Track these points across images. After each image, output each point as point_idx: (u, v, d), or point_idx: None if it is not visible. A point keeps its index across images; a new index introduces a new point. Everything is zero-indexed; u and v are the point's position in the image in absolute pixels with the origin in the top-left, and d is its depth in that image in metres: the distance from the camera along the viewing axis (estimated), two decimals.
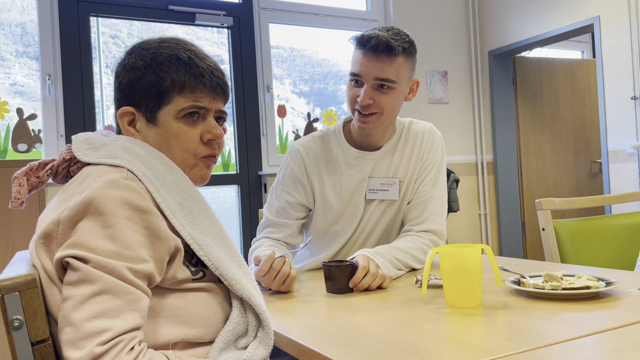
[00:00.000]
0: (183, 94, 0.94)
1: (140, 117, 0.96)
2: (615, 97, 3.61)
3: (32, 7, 3.20)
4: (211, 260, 0.92)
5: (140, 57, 0.95)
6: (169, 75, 0.93)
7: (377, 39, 1.42)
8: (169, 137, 0.95)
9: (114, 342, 0.75)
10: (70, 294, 0.77)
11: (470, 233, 4.47)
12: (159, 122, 0.95)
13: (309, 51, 4.18)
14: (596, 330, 0.87)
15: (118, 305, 0.77)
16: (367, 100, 1.45)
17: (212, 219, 0.96)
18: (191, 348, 0.90)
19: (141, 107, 0.95)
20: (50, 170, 0.95)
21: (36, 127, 3.14)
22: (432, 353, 0.81)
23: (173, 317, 0.88)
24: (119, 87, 0.97)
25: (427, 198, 1.58)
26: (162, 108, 0.94)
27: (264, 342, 0.94)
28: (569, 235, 1.94)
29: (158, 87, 0.93)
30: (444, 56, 4.40)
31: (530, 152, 4.67)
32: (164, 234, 0.85)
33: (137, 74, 0.94)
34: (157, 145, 0.96)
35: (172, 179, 0.92)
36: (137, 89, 0.94)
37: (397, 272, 1.42)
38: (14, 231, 2.34)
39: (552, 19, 3.97)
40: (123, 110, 0.96)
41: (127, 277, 0.79)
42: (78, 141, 0.94)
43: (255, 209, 3.74)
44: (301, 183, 1.61)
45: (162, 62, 0.94)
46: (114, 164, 0.88)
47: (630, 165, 3.55)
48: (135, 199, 0.83)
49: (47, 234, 0.84)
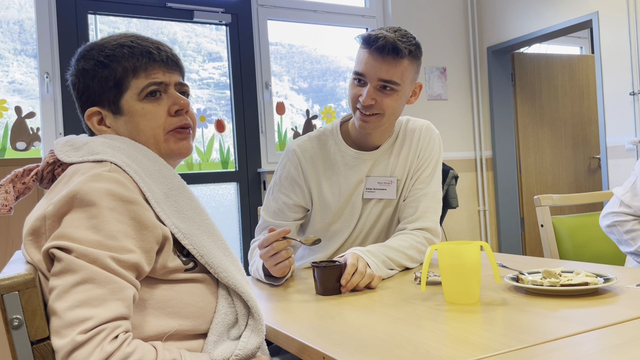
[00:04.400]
0: (137, 76, 0.96)
1: (107, 113, 0.98)
2: (614, 92, 3.61)
3: (29, 5, 3.19)
4: (196, 249, 0.92)
5: (88, 59, 0.98)
6: (119, 64, 0.95)
7: (385, 40, 1.40)
8: (137, 120, 0.96)
9: (95, 330, 0.75)
10: (55, 284, 0.78)
11: (469, 229, 4.48)
12: (124, 110, 0.97)
13: (308, 48, 4.17)
14: (594, 327, 0.87)
15: (100, 294, 0.77)
16: (370, 101, 1.45)
17: (197, 208, 0.97)
18: (186, 340, 0.91)
19: (104, 103, 0.97)
20: (36, 175, 0.96)
21: (35, 125, 3.14)
22: (430, 350, 0.81)
23: (165, 308, 0.88)
24: (78, 95, 1.00)
25: (421, 195, 1.56)
26: (123, 95, 0.96)
27: (256, 330, 0.95)
28: (567, 232, 1.94)
29: (113, 78, 0.96)
30: (443, 52, 4.39)
31: (529, 148, 4.67)
32: (150, 223, 0.85)
33: (89, 74, 0.97)
34: (129, 133, 0.97)
35: (155, 169, 0.93)
36: (94, 88, 0.97)
37: (389, 271, 1.39)
38: (12, 231, 2.34)
39: (550, 15, 3.96)
40: (89, 112, 0.98)
41: (110, 266, 0.79)
42: (59, 144, 0.95)
43: (254, 206, 3.74)
44: (298, 184, 1.60)
45: (108, 54, 0.96)
46: (97, 160, 0.89)
47: (629, 161, 3.55)
48: (120, 189, 0.84)
49: (34, 230, 0.85)
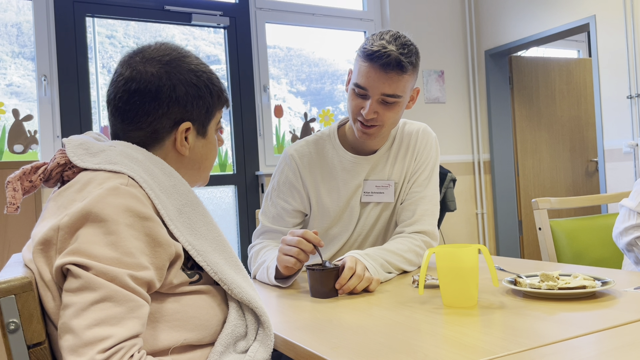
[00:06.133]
0: (219, 109, 1.04)
1: (193, 131, 1.00)
2: (611, 96, 3.62)
3: (27, 8, 3.19)
4: (210, 266, 0.92)
5: (198, 75, 0.99)
6: (216, 92, 1.02)
7: (388, 57, 1.37)
8: (211, 147, 1.04)
9: (114, 349, 0.74)
10: (71, 301, 0.76)
11: (467, 232, 4.48)
12: (207, 135, 1.03)
13: (306, 51, 4.17)
14: (592, 330, 0.87)
15: (119, 313, 0.77)
16: (372, 115, 1.44)
17: (210, 224, 0.96)
18: (189, 351, 0.90)
19: (195, 121, 0.99)
20: (43, 174, 0.93)
21: (32, 128, 3.14)
22: (428, 353, 0.81)
23: (172, 321, 0.88)
24: (160, 99, 0.94)
25: (419, 199, 1.56)
26: (210, 121, 1.02)
27: (264, 344, 0.94)
28: (565, 235, 1.94)
29: (209, 102, 1.01)
30: (441, 56, 4.40)
31: (526, 151, 4.68)
32: (164, 240, 0.85)
33: (196, 89, 0.98)
34: (200, 156, 1.02)
35: (170, 185, 0.93)
36: (194, 104, 0.98)
37: (387, 275, 1.39)
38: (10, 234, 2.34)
39: (548, 19, 3.97)
40: (185, 125, 0.98)
41: (128, 284, 0.78)
42: (72, 145, 0.92)
43: (252, 209, 3.74)
44: (296, 189, 1.59)
45: (211, 79, 1.02)
46: (114, 170, 0.88)
47: (627, 164, 3.56)
48: (137, 206, 0.83)
49: (46, 240, 0.82)
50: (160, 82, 0.94)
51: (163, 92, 0.94)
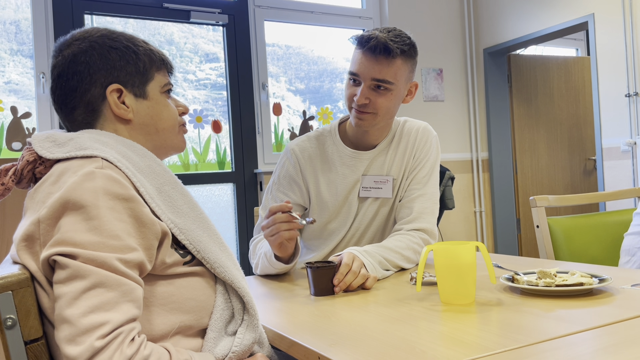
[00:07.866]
0: (159, 71, 1.01)
1: (128, 94, 0.97)
2: (609, 94, 3.62)
3: (26, 5, 3.19)
4: (193, 244, 0.91)
5: (114, 40, 0.97)
6: (146, 55, 1.00)
7: (376, 40, 1.42)
8: (161, 108, 1.00)
9: (113, 334, 0.74)
10: (62, 292, 0.76)
11: (465, 230, 4.48)
12: (149, 96, 0.99)
13: (305, 49, 4.17)
14: (589, 327, 0.87)
15: (112, 298, 0.76)
16: (364, 100, 1.47)
17: (191, 203, 0.96)
18: (187, 338, 0.90)
19: (128, 84, 0.97)
20: (14, 175, 0.91)
21: (30, 125, 3.13)
22: (426, 350, 0.81)
23: (167, 304, 0.87)
24: (87, 68, 0.94)
25: (417, 196, 1.56)
26: (149, 83, 0.99)
27: (251, 326, 0.94)
28: (563, 232, 1.94)
29: (142, 65, 0.98)
30: (439, 54, 4.40)
31: (525, 149, 4.68)
32: (148, 219, 0.84)
33: (118, 52, 0.96)
34: (150, 117, 0.99)
35: (145, 165, 0.92)
36: (120, 66, 0.96)
37: (384, 272, 1.39)
38: (7, 230, 2.33)
39: (546, 17, 3.97)
40: (112, 87, 0.95)
41: (118, 268, 0.78)
42: (39, 140, 0.91)
43: (250, 207, 3.74)
44: (296, 183, 1.61)
45: (136, 43, 0.99)
46: (87, 155, 0.86)
47: (625, 163, 3.56)
48: (116, 187, 0.82)
49: (28, 236, 0.82)
50: (77, 59, 0.94)
51: (81, 62, 0.94)
